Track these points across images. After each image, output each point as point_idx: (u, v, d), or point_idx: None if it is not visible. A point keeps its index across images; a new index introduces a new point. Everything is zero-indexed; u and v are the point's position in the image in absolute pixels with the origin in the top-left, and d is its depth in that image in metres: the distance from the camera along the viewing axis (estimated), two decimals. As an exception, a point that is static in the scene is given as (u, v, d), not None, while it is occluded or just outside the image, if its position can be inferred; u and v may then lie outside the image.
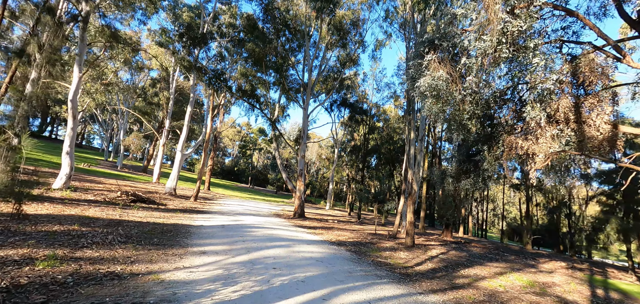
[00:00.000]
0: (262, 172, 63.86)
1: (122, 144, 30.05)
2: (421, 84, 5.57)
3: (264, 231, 9.52)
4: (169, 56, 25.45)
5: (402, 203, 14.12)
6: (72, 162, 12.43)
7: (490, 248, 15.61)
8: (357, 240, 10.97)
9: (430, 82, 5.43)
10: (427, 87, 5.53)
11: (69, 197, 10.12)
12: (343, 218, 21.41)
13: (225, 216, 12.24)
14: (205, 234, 7.63)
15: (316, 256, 6.71)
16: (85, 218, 6.91)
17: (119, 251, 4.91)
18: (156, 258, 4.91)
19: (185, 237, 6.95)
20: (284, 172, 18.05)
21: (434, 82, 5.44)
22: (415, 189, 11.65)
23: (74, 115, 12.54)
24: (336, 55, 21.09)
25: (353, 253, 8.24)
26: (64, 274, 3.63)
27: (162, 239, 6.32)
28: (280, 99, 21.25)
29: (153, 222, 8.07)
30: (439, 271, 7.69)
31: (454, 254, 10.93)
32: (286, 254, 6.50)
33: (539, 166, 6.93)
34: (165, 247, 5.72)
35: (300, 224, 13.67)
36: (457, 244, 14.90)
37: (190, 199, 16.55)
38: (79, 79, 12.54)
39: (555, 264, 13.22)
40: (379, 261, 7.69)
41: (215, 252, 5.88)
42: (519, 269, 10.26)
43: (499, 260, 11.69)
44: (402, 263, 7.96)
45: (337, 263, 6.43)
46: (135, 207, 10.34)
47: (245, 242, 7.21)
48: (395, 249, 10.20)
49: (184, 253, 5.51)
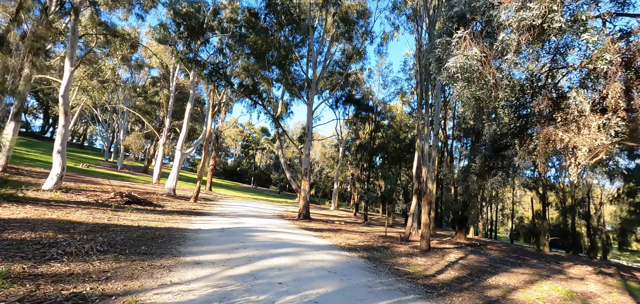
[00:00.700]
0: (265, 173, 63.18)
1: (122, 144, 29.42)
2: (451, 65, 4.71)
3: (267, 235, 8.69)
4: (169, 54, 24.78)
5: (414, 203, 13.24)
6: (64, 162, 11.71)
7: (507, 251, 14.68)
8: (368, 244, 10.11)
9: (463, 62, 4.57)
10: (459, 67, 4.67)
11: (57, 198, 9.37)
12: (349, 219, 20.56)
13: (225, 219, 11.44)
14: (202, 240, 6.82)
15: (328, 266, 5.87)
16: (66, 223, 6.13)
17: (94, 264, 4.11)
18: (139, 272, 4.09)
19: (178, 244, 6.14)
20: (287, 171, 17.24)
21: (467, 62, 4.58)
22: (430, 188, 10.76)
23: (66, 111, 11.81)
24: (341, 49, 20.24)
25: (368, 260, 7.39)
26: (9, 299, 2.82)
27: (151, 246, 5.52)
28: (283, 95, 20.45)
29: (145, 227, 7.27)
30: (465, 281, 6.81)
31: (474, 260, 10.04)
32: (293, 263, 5.67)
33: (582, 160, 6.04)
34: (154, 257, 4.92)
35: (306, 226, 12.84)
36: (472, 247, 13.98)
37: (190, 200, 15.79)
38: (71, 74, 11.81)
39: (581, 269, 12.26)
40: (398, 269, 6.82)
41: (211, 263, 5.06)
42: (548, 276, 9.35)
43: (522, 265, 10.78)
44: (422, 271, 7.09)
45: (353, 274, 5.58)
46: (129, 210, 9.57)
47: (247, 249, 6.38)
48: (411, 254, 9.33)
49: (175, 264, 4.69)
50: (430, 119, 11.09)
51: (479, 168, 7.65)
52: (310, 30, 16.53)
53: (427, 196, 10.77)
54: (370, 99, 26.90)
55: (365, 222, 19.07)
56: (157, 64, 28.23)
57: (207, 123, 17.37)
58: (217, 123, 31.31)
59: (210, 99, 17.11)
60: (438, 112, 10.77)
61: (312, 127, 16.83)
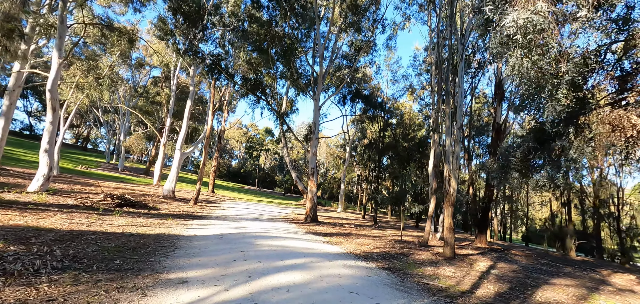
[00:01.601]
0: (270, 174, 62.25)
1: (122, 145, 28.66)
2: (509, 23, 3.59)
3: (272, 242, 7.61)
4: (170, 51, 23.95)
5: (432, 205, 12.07)
6: (52, 162, 10.80)
7: (534, 257, 13.39)
8: (385, 251, 8.97)
9: (527, 18, 3.45)
10: (519, 27, 3.55)
11: (40, 201, 8.43)
12: (358, 222, 19.40)
13: (226, 222, 10.40)
14: (195, 250, 5.77)
15: (347, 283, 4.76)
16: (31, 230, 5.13)
17: (39, 288, 3.06)
18: (98, 299, 3.04)
19: (165, 255, 5.09)
20: (293, 171, 16.16)
21: (532, 19, 3.46)
22: (454, 187, 9.59)
23: (54, 107, 10.90)
24: (349, 42, 19.16)
25: (389, 271, 6.26)
26: None
27: (128, 260, 4.47)
28: (288, 91, 19.41)
29: (129, 234, 6.24)
30: (510, 298, 5.65)
31: (506, 269, 8.84)
32: (304, 280, 4.57)
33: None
34: (127, 274, 3.86)
35: (314, 230, 11.74)
36: (497, 252, 12.74)
37: (189, 203, 14.80)
38: (59, 66, 10.91)
39: (623, 277, 10.96)
40: (428, 284, 5.68)
41: (201, 281, 3.99)
42: (594, 288, 8.11)
43: (559, 274, 9.53)
44: (456, 286, 5.94)
45: (380, 294, 4.46)
46: (117, 213, 8.57)
47: (247, 260, 5.31)
48: (435, 262, 8.17)
49: (152, 285, 3.63)
50: (452, 109, 9.93)
51: (521, 164, 6.48)
52: (317, 20, 15.46)
53: (450, 196, 9.60)
54: (379, 96, 25.74)
55: (376, 225, 17.90)
56: (158, 63, 27.46)
57: (208, 120, 16.39)
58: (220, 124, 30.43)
59: (211, 95, 16.15)
60: (461, 102, 9.61)
61: (319, 124, 15.75)
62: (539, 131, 6.36)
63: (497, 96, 15.70)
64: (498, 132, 15.33)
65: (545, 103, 4.55)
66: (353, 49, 18.35)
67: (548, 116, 4.69)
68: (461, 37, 10.15)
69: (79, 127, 54.19)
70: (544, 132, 6.22)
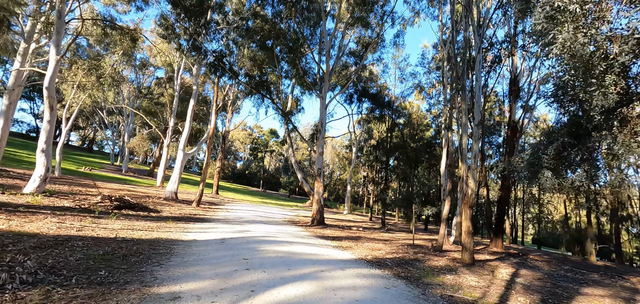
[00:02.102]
0: (274, 176, 61.85)
1: (126, 146, 28.45)
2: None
3: (278, 247, 7.05)
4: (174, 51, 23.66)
5: (446, 208, 11.39)
6: (49, 162, 10.40)
7: (554, 262, 12.62)
8: (398, 256, 8.34)
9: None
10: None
11: (34, 203, 8.00)
12: (365, 224, 18.75)
13: (229, 226, 9.87)
14: (193, 257, 5.23)
15: (363, 297, 4.17)
16: (12, 235, 4.64)
17: (-2, 310, 2.54)
18: (69, 324, 2.50)
19: (159, 263, 4.56)
20: (299, 172, 15.62)
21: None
22: (472, 188, 8.93)
23: (51, 105, 10.52)
24: (356, 38, 18.59)
25: (407, 281, 5.65)
26: None
27: (116, 270, 3.95)
28: (293, 89, 18.89)
29: (123, 239, 5.74)
30: (546, 313, 5.00)
31: (530, 276, 8.15)
32: (315, 294, 3.99)
33: None
34: (111, 288, 3.33)
35: (322, 233, 11.16)
36: (515, 257, 12.00)
37: (192, 204, 14.34)
38: (56, 63, 10.52)
39: (654, 284, 10.16)
40: (452, 297, 5.06)
41: (197, 296, 3.44)
42: (630, 298, 7.39)
43: (587, 283, 8.79)
44: (482, 298, 5.31)
45: (401, 310, 3.86)
46: (114, 216, 8.10)
47: (250, 270, 4.75)
48: (453, 269, 7.52)
49: (138, 302, 3.09)
50: (467, 107, 9.29)
51: (554, 161, 5.83)
52: (323, 16, 14.93)
53: (468, 198, 8.94)
54: (386, 95, 25.10)
55: (384, 228, 17.24)
56: (162, 63, 27.22)
57: (211, 120, 15.94)
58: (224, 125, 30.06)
59: (215, 94, 15.71)
60: (479, 96, 8.96)
61: (325, 123, 15.18)
62: (574, 125, 5.70)
63: (512, 93, 14.97)
64: (513, 130, 14.60)
65: (594, 90, 3.92)
66: (360, 46, 17.78)
67: (595, 105, 4.05)
68: (478, 27, 9.52)
69: (85, 129, 54.42)
70: (580, 126, 5.56)
